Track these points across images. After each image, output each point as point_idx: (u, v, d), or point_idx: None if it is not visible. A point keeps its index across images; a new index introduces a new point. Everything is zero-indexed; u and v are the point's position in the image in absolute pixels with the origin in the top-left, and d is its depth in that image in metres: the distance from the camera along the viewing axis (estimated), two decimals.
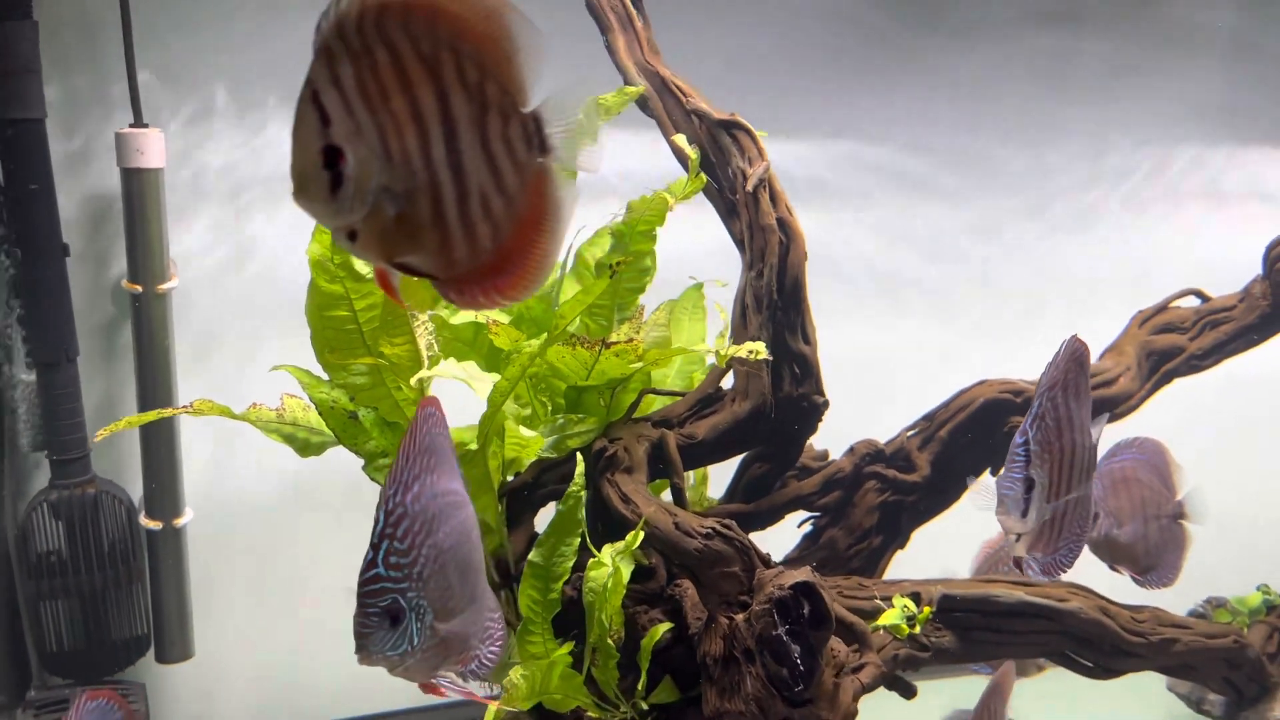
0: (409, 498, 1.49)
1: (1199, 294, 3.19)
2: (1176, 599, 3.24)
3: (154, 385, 2.90)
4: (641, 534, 2.22)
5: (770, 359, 2.56)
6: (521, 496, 2.47)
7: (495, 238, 1.28)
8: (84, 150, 2.91)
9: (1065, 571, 2.30)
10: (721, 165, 2.65)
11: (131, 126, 2.83)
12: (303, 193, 1.18)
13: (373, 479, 2.26)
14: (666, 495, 2.86)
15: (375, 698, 3.33)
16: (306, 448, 2.25)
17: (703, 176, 2.54)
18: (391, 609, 1.48)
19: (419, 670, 1.57)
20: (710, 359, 2.71)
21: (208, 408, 2.12)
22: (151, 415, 2.12)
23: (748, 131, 2.62)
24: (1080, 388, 2.20)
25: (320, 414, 2.17)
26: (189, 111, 3.01)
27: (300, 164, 1.17)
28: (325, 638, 3.27)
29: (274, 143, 3.09)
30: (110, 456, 3.02)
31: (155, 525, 2.96)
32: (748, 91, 3.51)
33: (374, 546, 1.48)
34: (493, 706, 2.03)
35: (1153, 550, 2.94)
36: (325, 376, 2.23)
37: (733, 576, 2.27)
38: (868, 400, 3.19)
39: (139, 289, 2.86)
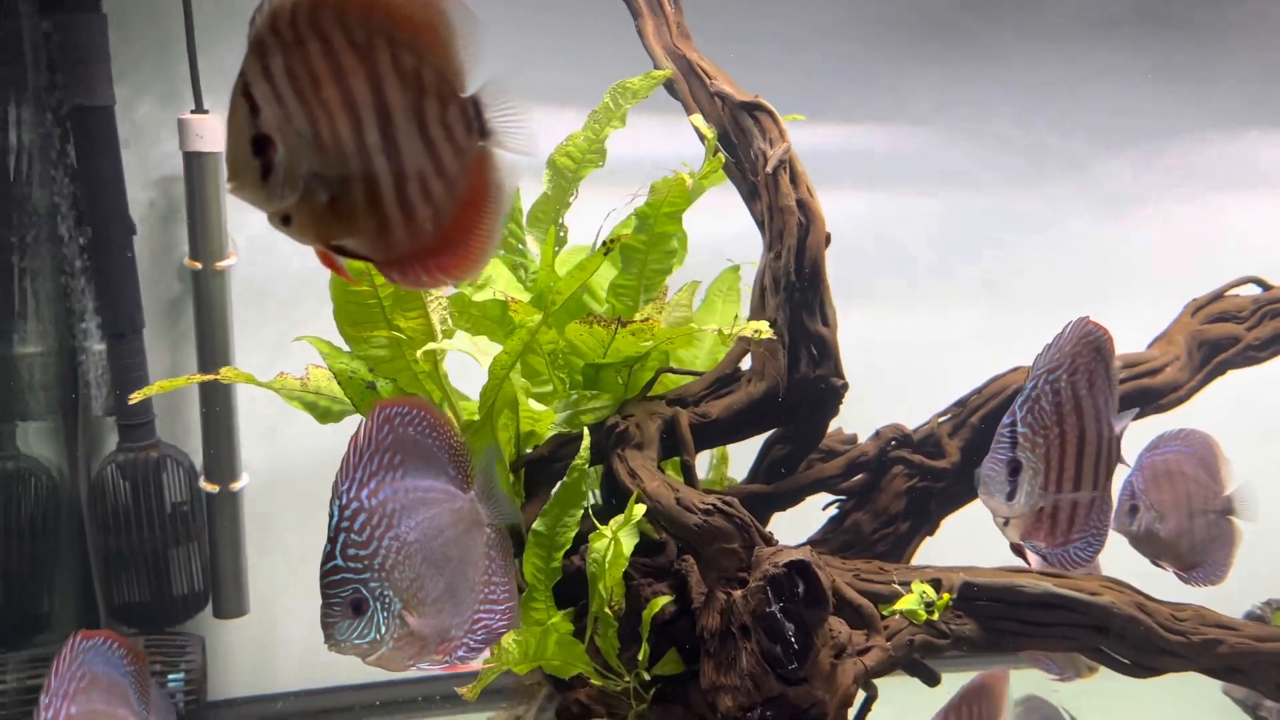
0: (364, 493, 1.56)
1: (1259, 282, 3.05)
2: (1238, 600, 3.13)
3: (212, 356, 3.08)
4: (642, 507, 2.27)
5: (785, 340, 2.57)
6: (539, 469, 2.55)
7: (436, 220, 1.34)
8: (149, 135, 3.11)
9: (1081, 566, 2.24)
10: (744, 147, 2.66)
11: (193, 112, 3.02)
12: (235, 179, 1.25)
13: None
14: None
15: None
16: (327, 415, 2.37)
17: (721, 156, 2.57)
18: (354, 599, 1.55)
19: (394, 659, 1.63)
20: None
21: (233, 375, 2.25)
22: (181, 381, 2.27)
23: (770, 113, 2.62)
24: (1096, 374, 2.13)
25: (339, 383, 2.28)
26: None
27: (232, 153, 1.24)
28: None
29: None
30: (174, 423, 3.23)
31: (213, 489, 3.15)
32: (801, 74, 3.52)
33: (331, 540, 1.54)
34: (483, 669, 2.11)
35: (1198, 546, 2.83)
36: (347, 348, 2.34)
37: (732, 553, 2.29)
38: (916, 386, 3.16)
39: (199, 266, 3.05)
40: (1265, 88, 3.84)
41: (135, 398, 2.18)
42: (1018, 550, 2.14)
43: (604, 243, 1.98)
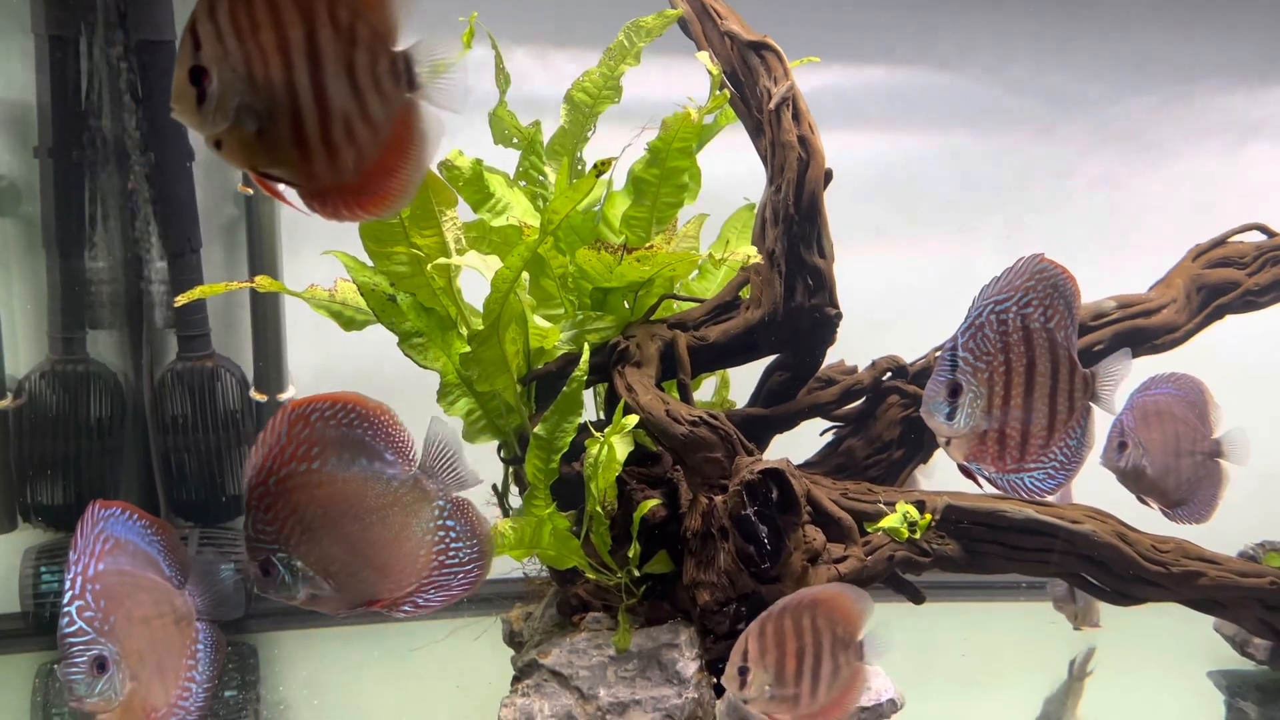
0: (272, 480, 1.83)
1: (1264, 229, 3.09)
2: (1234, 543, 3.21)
3: (262, 273, 3.34)
4: (633, 417, 2.45)
5: (783, 270, 2.72)
6: (548, 384, 2.75)
7: (359, 160, 1.49)
8: None
9: (1037, 496, 2.30)
10: (750, 85, 2.79)
11: None
12: (176, 104, 1.44)
13: (406, 354, 2.59)
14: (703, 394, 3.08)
15: None
16: (350, 324, 2.60)
17: (726, 92, 2.70)
18: (264, 564, 1.85)
19: (331, 605, 1.93)
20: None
21: (267, 283, 2.49)
22: (220, 287, 2.51)
23: (776, 52, 2.75)
24: (1054, 310, 2.17)
25: (363, 295, 2.50)
26: None
27: (176, 81, 1.44)
28: None
29: None
30: (228, 336, 3.51)
31: (262, 398, 3.43)
32: (827, 15, 3.61)
33: (245, 516, 1.84)
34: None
35: (1184, 485, 2.93)
36: (371, 264, 2.56)
37: (715, 461, 2.48)
38: (934, 324, 3.27)
39: (250, 192, 3.30)
40: None
41: (179, 301, 2.43)
42: (965, 472, 2.24)
43: (595, 164, 2.14)
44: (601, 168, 2.16)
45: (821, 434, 3.07)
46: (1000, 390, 2.09)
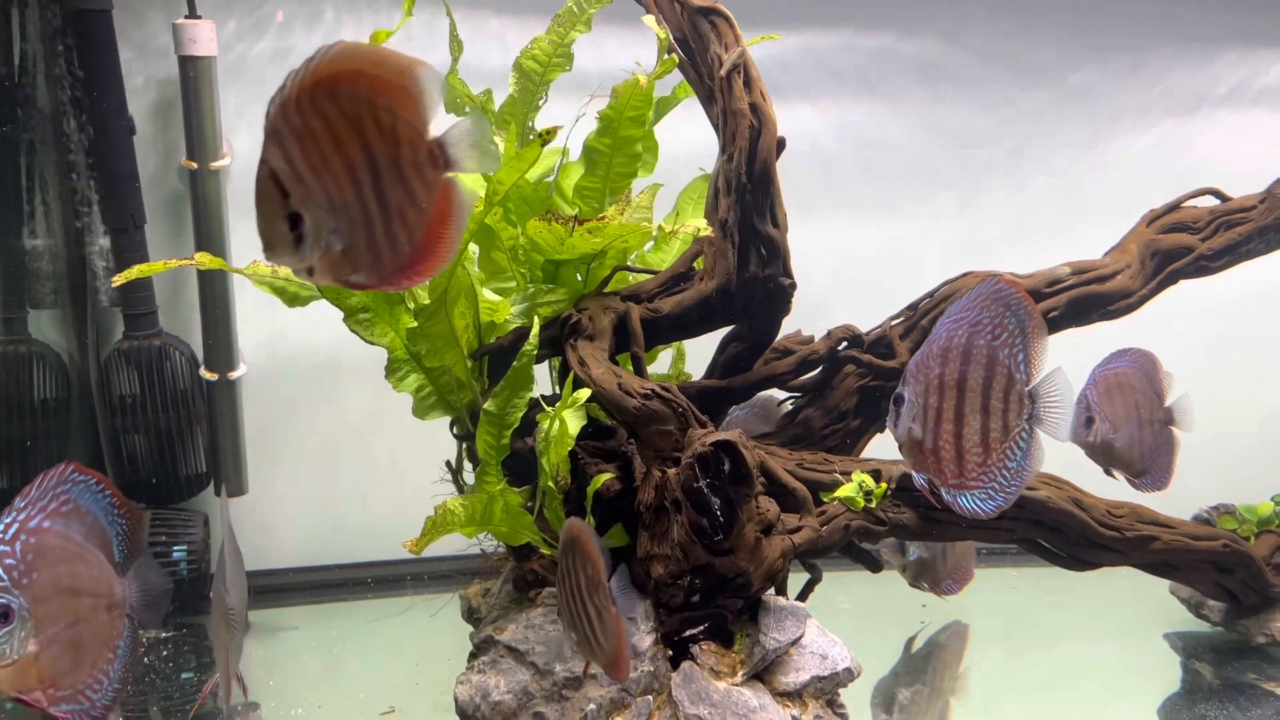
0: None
1: (1217, 194, 3.09)
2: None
3: (209, 250, 3.27)
4: (585, 392, 2.42)
5: (736, 240, 2.68)
6: (500, 358, 2.71)
7: (411, 240, 1.61)
8: (149, 40, 3.26)
9: (978, 515, 2.24)
10: (700, 52, 2.75)
11: (186, 18, 3.16)
12: (272, 251, 1.52)
13: (352, 330, 2.54)
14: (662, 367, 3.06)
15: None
16: (294, 300, 2.54)
17: (674, 58, 2.66)
18: None
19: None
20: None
21: (208, 260, 2.43)
22: (159, 266, 2.44)
23: (726, 18, 2.70)
24: (1002, 327, 2.14)
25: None
26: (243, 5, 3.31)
27: (268, 231, 1.51)
28: (365, 484, 3.66)
29: (330, 32, 3.41)
30: (176, 313, 3.44)
31: (212, 377, 3.37)
32: None
33: None
34: (429, 529, 2.30)
35: (1146, 454, 2.94)
36: None
37: (668, 434, 2.45)
38: (892, 294, 3.26)
39: (195, 166, 3.22)
40: (1245, 5, 3.81)
41: (117, 281, 2.37)
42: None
43: (539, 133, 2.10)
44: (546, 136, 2.11)
45: (779, 404, 3.06)
46: (934, 404, 2.13)
